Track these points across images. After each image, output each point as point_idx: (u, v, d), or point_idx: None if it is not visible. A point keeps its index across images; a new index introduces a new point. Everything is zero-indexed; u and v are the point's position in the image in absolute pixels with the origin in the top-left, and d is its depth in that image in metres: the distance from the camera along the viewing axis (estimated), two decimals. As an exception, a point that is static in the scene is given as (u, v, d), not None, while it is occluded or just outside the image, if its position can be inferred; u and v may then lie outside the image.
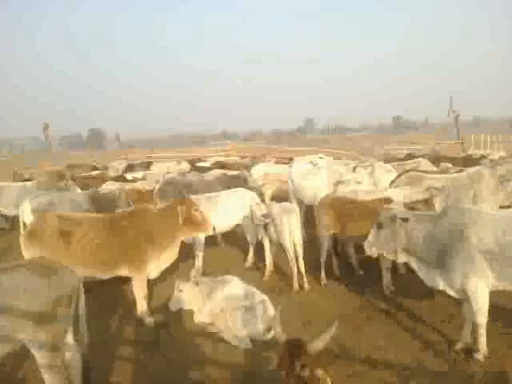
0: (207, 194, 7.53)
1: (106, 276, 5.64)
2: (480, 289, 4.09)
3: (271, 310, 5.00)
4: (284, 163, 14.00)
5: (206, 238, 7.09)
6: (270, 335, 4.79)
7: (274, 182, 10.13)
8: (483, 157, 13.56)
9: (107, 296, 6.29)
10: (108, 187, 9.67)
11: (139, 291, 5.53)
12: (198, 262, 7.09)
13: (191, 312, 5.32)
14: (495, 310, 4.81)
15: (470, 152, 17.68)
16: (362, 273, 6.80)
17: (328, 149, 26.11)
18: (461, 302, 4.55)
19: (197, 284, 5.34)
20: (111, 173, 15.26)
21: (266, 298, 5.23)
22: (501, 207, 6.84)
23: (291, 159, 15.56)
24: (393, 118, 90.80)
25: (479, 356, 4.22)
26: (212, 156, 22.79)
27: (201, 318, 5.22)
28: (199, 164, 15.77)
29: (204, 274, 6.67)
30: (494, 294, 4.30)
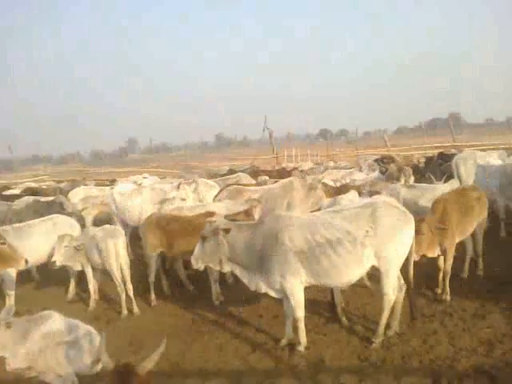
0: (16, 225, 6.76)
1: None
2: (296, 286, 4.49)
3: (98, 341, 4.68)
4: (106, 185, 13.40)
5: (18, 273, 6.32)
6: (99, 367, 4.47)
7: (96, 206, 9.59)
8: (295, 168, 15.01)
9: None
10: None
11: None
12: (9, 302, 6.26)
13: (2, 360, 4.66)
14: (312, 305, 5.34)
15: (283, 165, 19.37)
16: (192, 288, 6.84)
17: (152, 168, 25.88)
18: (282, 301, 4.90)
19: (8, 327, 4.70)
20: None
21: (91, 329, 4.87)
22: (311, 212, 7.58)
23: (114, 181, 14.97)
24: (215, 135, 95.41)
25: (300, 348, 4.61)
26: (23, 182, 20.57)
27: (15, 363, 4.60)
28: (6, 192, 14.03)
29: (17, 314, 5.92)
30: (310, 290, 4.76)
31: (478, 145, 22.46)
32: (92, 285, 6.51)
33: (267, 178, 11.73)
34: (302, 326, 4.62)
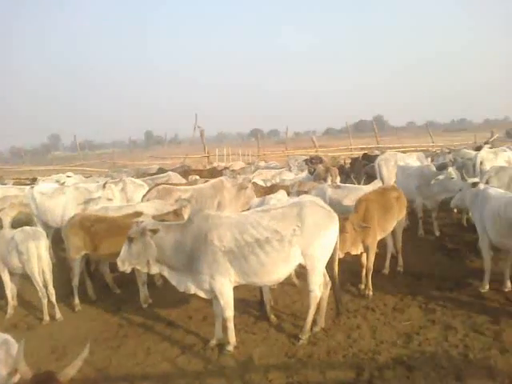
0: None
1: None
2: (225, 286, 4.49)
3: (15, 351, 4.40)
4: (26, 184, 12.62)
5: None
6: (16, 378, 4.20)
7: (14, 206, 9.00)
8: (226, 168, 14.98)
9: None
10: None
11: None
12: None
13: None
14: (241, 304, 5.38)
15: (215, 164, 19.28)
16: (118, 291, 6.64)
17: (77, 166, 24.78)
18: (212, 302, 4.89)
19: None
20: None
21: (8, 337, 4.57)
22: (242, 211, 7.62)
23: (34, 179, 14.14)
24: (144, 133, 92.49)
25: (230, 348, 4.62)
26: None
27: None
28: None
29: None
30: (239, 290, 4.79)
31: (400, 147, 23.73)
32: (9, 290, 6.12)
33: (198, 177, 11.61)
34: (231, 325, 4.64)
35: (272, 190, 8.63)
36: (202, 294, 4.65)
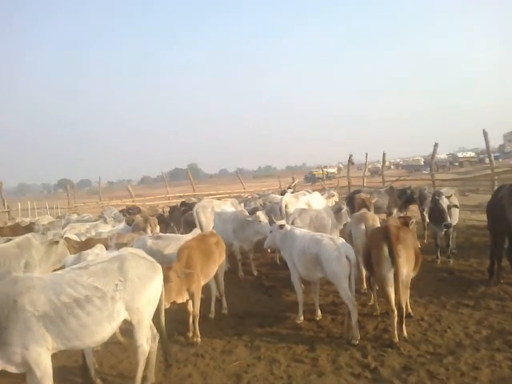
0: None
1: None
2: (42, 356, 3.99)
3: None
4: None
5: None
6: None
7: None
8: (32, 223, 13.59)
9: None
10: None
11: None
12: None
13: None
14: (62, 373, 4.85)
15: (17, 220, 17.32)
16: None
17: None
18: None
19: None
20: None
21: None
22: (53, 270, 6.99)
23: None
24: None
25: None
26: None
27: None
28: None
29: None
30: (58, 357, 4.32)
31: (215, 193, 24.88)
32: None
33: (-3, 236, 10.29)
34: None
35: (88, 244, 8.11)
36: (12, 369, 4.03)
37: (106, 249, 7.08)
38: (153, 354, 4.78)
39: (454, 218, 9.03)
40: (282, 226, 6.55)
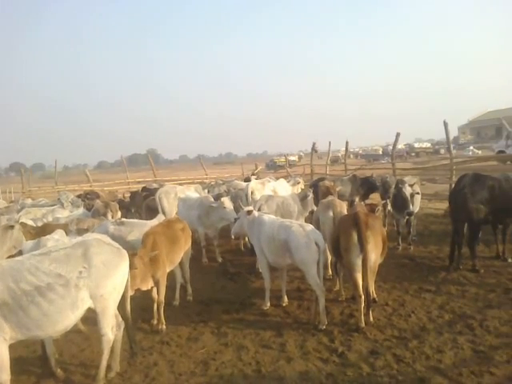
0: None
1: None
2: (-1, 347, 3.79)
3: None
4: None
5: None
6: None
7: None
8: (-17, 209, 12.94)
9: None
10: None
11: None
12: None
13: None
14: (19, 364, 4.63)
15: (-33, 204, 16.47)
16: None
17: None
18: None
19: None
20: None
21: None
22: (9, 257, 6.66)
23: None
24: None
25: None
26: None
27: None
28: None
29: None
30: (15, 347, 4.10)
31: (176, 179, 24.49)
32: None
33: None
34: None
35: (45, 230, 7.76)
36: (-34, 362, 3.82)
37: (67, 234, 6.81)
38: (118, 343, 4.64)
39: (416, 205, 9.25)
40: (249, 212, 6.47)
